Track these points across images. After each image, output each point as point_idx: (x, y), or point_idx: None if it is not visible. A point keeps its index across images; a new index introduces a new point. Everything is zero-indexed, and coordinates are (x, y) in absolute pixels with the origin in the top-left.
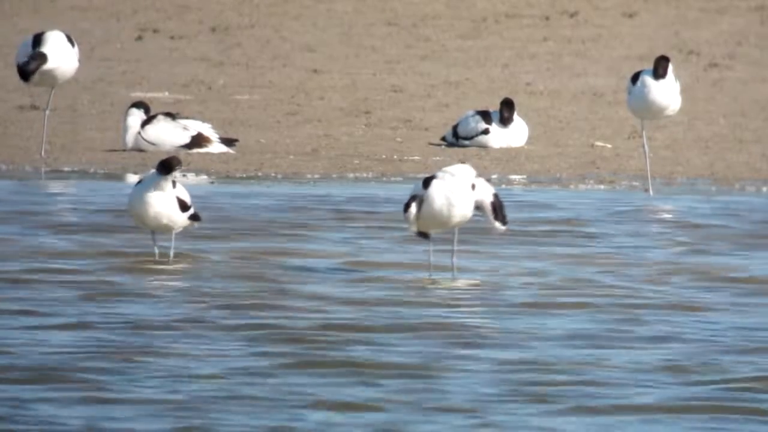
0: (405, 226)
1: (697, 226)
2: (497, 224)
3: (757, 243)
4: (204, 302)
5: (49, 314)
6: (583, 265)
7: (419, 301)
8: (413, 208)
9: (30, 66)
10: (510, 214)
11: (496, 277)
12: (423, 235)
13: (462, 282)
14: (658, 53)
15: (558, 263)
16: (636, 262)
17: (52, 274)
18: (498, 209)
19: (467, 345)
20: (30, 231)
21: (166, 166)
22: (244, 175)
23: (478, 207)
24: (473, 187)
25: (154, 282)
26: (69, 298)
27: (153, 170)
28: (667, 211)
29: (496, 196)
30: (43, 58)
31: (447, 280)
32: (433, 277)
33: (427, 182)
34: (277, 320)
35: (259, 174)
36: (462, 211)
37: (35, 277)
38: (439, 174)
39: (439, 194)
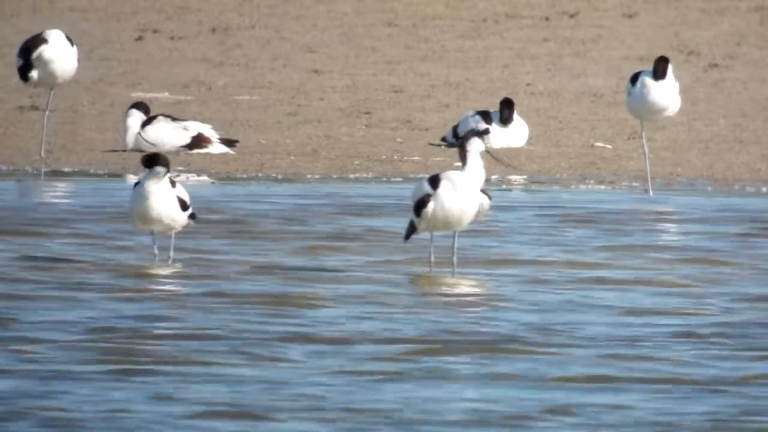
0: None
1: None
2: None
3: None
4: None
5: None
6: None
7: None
8: (430, 207)
9: (30, 44)
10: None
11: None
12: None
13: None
14: (658, 54)
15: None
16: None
17: (50, 273)
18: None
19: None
20: (29, 231)
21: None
22: (245, 176)
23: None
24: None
25: (153, 282)
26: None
27: (147, 171)
28: (666, 211)
29: (490, 198)
30: (44, 39)
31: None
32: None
33: (434, 182)
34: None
35: (260, 175)
36: (471, 212)
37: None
38: (447, 175)
39: (449, 194)
